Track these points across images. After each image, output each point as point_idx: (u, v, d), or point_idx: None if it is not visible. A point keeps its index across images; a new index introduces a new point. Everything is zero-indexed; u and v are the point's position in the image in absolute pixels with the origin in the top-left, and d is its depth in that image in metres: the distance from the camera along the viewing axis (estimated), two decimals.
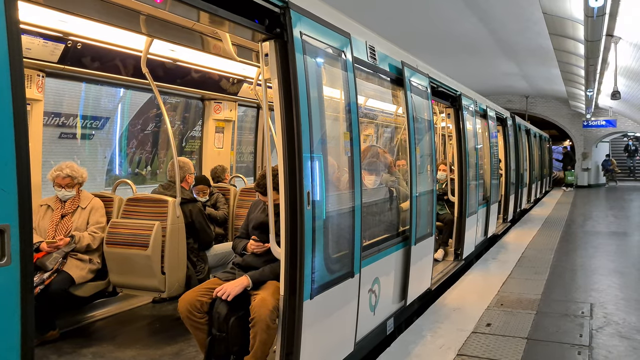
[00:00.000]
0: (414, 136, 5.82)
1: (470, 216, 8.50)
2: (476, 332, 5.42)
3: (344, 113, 4.23)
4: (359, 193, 4.20)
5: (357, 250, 4.19)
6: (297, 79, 3.41)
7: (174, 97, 7.94)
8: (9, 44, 1.85)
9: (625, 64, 13.49)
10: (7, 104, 1.85)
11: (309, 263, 3.45)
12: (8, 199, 1.85)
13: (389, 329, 5.31)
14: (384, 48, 5.35)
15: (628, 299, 6.75)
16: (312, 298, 3.54)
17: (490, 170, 10.67)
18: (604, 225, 14.23)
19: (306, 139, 3.47)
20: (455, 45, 17.07)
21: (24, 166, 1.92)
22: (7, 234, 1.83)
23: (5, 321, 1.82)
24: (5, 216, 1.83)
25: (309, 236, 3.42)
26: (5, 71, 1.85)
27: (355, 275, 4.17)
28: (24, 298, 1.87)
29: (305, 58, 3.56)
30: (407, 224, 5.72)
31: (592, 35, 9.63)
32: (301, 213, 3.34)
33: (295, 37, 3.46)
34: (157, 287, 5.01)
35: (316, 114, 3.64)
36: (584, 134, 29.44)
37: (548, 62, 17.52)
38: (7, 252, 1.83)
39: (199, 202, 5.68)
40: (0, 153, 1.84)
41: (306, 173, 3.43)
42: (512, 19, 14.00)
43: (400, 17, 13.71)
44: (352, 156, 4.21)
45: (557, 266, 8.60)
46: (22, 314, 1.87)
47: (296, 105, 3.40)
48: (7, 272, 1.84)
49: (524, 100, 28.83)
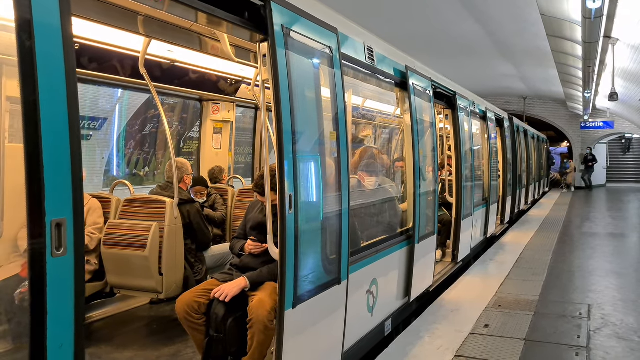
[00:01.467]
0: (417, 137, 5.88)
1: (466, 218, 8.40)
2: (474, 333, 5.42)
3: (331, 112, 4.06)
4: (346, 196, 4.05)
5: (344, 255, 4.03)
6: (278, 76, 3.27)
7: (172, 98, 7.93)
8: (65, 57, 2.07)
9: (622, 66, 13.52)
10: (63, 109, 2.08)
11: (290, 271, 3.32)
12: (64, 195, 2.06)
13: (387, 331, 5.30)
14: (383, 49, 5.36)
15: (626, 300, 6.76)
16: (294, 307, 3.40)
17: (487, 171, 10.67)
18: (602, 226, 14.25)
19: (288, 139, 3.35)
20: (453, 47, 17.09)
21: (76, 165, 2.13)
22: (64, 227, 2.04)
23: (61, 305, 2.05)
24: (62, 211, 2.04)
25: (290, 243, 3.30)
26: (62, 81, 2.07)
27: (342, 282, 4.02)
28: (77, 285, 2.10)
29: (288, 54, 3.41)
30: (409, 223, 5.80)
31: (590, 37, 9.66)
32: (282, 218, 3.24)
33: (277, 31, 3.32)
34: (154, 288, 5.00)
35: (299, 113, 3.51)
36: (582, 136, 29.50)
37: (546, 63, 17.56)
38: (64, 244, 2.04)
39: (196, 203, 5.68)
40: (58, 154, 2.05)
41: (288, 175, 3.32)
42: (509, 20, 14.03)
43: (399, 19, 13.72)
44: (340, 157, 4.04)
45: (554, 267, 8.61)
46: (75, 299, 2.10)
47: (277, 103, 3.27)
48: (63, 262, 2.05)
49: (521, 101, 28.89)
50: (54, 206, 2.02)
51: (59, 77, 2.07)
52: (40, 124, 1.98)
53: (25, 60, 1.96)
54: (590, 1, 7.66)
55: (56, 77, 2.06)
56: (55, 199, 2.02)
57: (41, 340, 1.99)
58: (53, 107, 2.04)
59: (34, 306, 1.98)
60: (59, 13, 2.05)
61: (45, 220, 1.99)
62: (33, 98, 1.97)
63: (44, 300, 1.99)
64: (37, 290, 1.98)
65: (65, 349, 2.08)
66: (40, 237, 1.98)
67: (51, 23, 2.03)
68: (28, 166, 1.98)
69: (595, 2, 7.66)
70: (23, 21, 1.93)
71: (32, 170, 1.98)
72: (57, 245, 2.02)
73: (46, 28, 2.01)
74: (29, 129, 1.97)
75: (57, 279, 2.03)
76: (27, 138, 1.97)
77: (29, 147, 1.97)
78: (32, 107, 1.97)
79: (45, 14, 2.00)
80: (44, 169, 1.99)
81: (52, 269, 2.01)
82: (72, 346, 2.10)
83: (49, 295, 2.00)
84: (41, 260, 1.99)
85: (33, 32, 1.96)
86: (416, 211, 5.75)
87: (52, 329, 2.02)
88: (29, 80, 1.97)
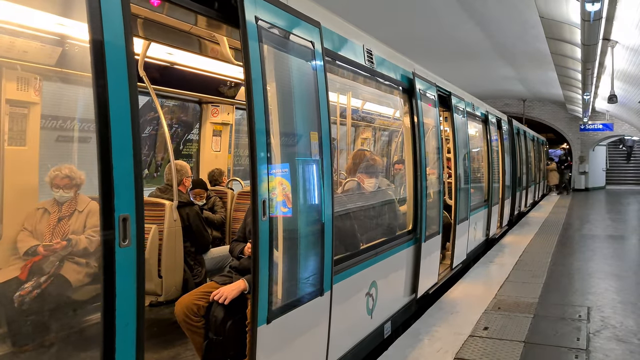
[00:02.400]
0: (423, 139, 5.99)
1: (461, 223, 8.24)
2: (474, 335, 5.42)
3: (312, 112, 3.80)
4: (329, 201, 3.82)
5: (327, 265, 3.79)
6: (250, 71, 3.05)
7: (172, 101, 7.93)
8: (128, 73, 2.34)
9: (622, 68, 13.53)
10: (127, 116, 2.33)
11: (264, 283, 3.11)
12: (128, 194, 2.34)
13: (386, 333, 5.30)
14: (382, 52, 5.37)
15: (625, 302, 6.76)
16: (269, 322, 3.19)
17: (486, 173, 10.66)
18: (601, 228, 14.25)
19: (262, 140, 3.13)
20: (453, 49, 17.10)
21: (138, 168, 2.39)
22: (129, 222, 2.32)
23: (127, 289, 2.32)
24: (127, 207, 2.32)
25: (264, 252, 3.11)
26: (126, 92, 2.33)
27: (325, 293, 3.79)
28: (138, 272, 2.38)
29: (262, 47, 3.18)
30: (416, 223, 5.92)
31: (589, 39, 9.67)
32: (255, 225, 3.04)
33: (249, 21, 3.09)
34: (154, 290, 4.99)
35: (276, 112, 3.33)
36: (581, 138, 29.53)
37: (545, 65, 17.57)
38: (129, 236, 2.32)
39: (196, 206, 5.67)
40: (124, 157, 2.32)
41: (262, 179, 3.12)
42: (509, 22, 14.04)
43: (398, 22, 13.73)
44: (322, 160, 3.78)
45: (554, 269, 8.61)
46: (137, 284, 2.37)
47: (249, 100, 3.05)
48: (128, 252, 2.33)
49: (521, 103, 28.91)
50: (121, 203, 2.30)
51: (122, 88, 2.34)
52: (111, 136, 2.25)
53: (98, 72, 2.24)
54: (589, 3, 7.67)
55: (122, 89, 2.33)
56: (121, 197, 2.30)
57: (111, 319, 2.27)
58: (120, 118, 2.31)
59: (106, 290, 2.26)
60: (124, 35, 2.35)
61: (115, 215, 2.27)
62: (104, 113, 2.24)
63: (114, 285, 2.28)
64: (108, 276, 2.26)
65: (130, 327, 2.35)
66: (110, 229, 2.26)
67: (117, 44, 2.32)
68: (101, 169, 2.25)
69: (594, 4, 7.66)
70: (97, 42, 2.25)
71: (104, 172, 2.25)
72: (122, 237, 2.30)
73: (114, 46, 2.30)
74: (103, 138, 2.24)
75: (123, 266, 2.31)
76: (101, 146, 2.25)
77: (102, 152, 2.24)
78: (104, 120, 2.24)
79: (113, 35, 2.30)
80: (114, 170, 2.26)
81: (119, 258, 2.30)
82: (135, 325, 2.38)
83: (117, 280, 2.29)
84: (111, 250, 2.27)
85: (104, 50, 2.25)
86: (422, 211, 5.90)
87: (120, 310, 2.30)
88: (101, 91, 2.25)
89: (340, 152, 7.21)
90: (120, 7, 2.32)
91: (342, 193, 5.41)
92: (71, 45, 4.05)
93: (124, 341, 2.32)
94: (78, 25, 3.10)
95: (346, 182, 5.64)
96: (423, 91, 6.27)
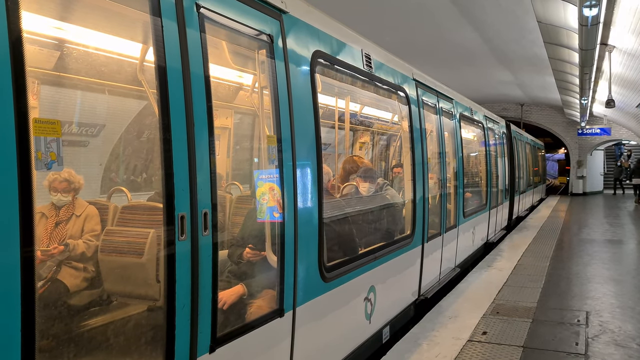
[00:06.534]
0: (425, 143, 6.08)
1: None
2: (472, 340, 5.41)
3: (270, 111, 3.45)
4: (291, 212, 3.46)
5: (287, 282, 3.42)
6: (188, 61, 2.71)
7: None
8: (183, 76, 2.67)
9: (619, 72, 13.58)
10: (182, 125, 2.65)
11: (206, 306, 2.77)
12: (185, 196, 2.65)
13: (385, 338, 5.28)
14: (381, 57, 5.37)
15: (624, 307, 6.76)
16: (212, 351, 2.80)
17: (484, 178, 10.65)
18: (599, 233, 14.26)
19: (202, 141, 2.79)
20: (452, 55, 17.16)
21: (192, 171, 2.69)
22: (185, 219, 2.62)
23: (184, 276, 2.64)
24: (184, 207, 2.63)
25: (206, 273, 2.77)
26: (181, 105, 2.66)
27: (285, 314, 3.42)
28: (192, 262, 2.68)
29: (203, 37, 2.82)
30: (415, 226, 6.00)
31: (587, 44, 9.70)
32: (194, 241, 2.68)
33: (187, 7, 2.70)
34: (152, 295, 4.96)
35: (218, 109, 3.15)
36: (579, 142, 29.60)
37: (543, 70, 17.63)
38: (185, 232, 2.62)
39: None
40: (182, 163, 2.63)
41: (203, 186, 2.75)
42: (507, 28, 14.09)
43: (398, 27, 13.78)
44: (282, 164, 3.41)
45: (552, 274, 8.61)
46: (191, 272, 2.68)
47: (187, 95, 2.71)
48: (185, 245, 2.63)
49: (519, 108, 29.00)
50: (179, 203, 2.60)
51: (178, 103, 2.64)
52: (172, 146, 2.57)
53: (161, 82, 2.56)
54: (586, 9, 7.70)
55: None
56: (180, 197, 2.61)
57: (172, 301, 2.58)
58: (179, 138, 2.62)
59: (169, 276, 2.58)
60: (180, 57, 2.67)
61: (175, 213, 2.57)
62: (167, 121, 2.55)
63: (174, 272, 2.58)
64: (170, 265, 2.58)
65: (186, 309, 2.64)
66: (172, 225, 2.57)
67: (175, 66, 2.63)
68: (165, 173, 2.58)
69: (592, 9, 7.69)
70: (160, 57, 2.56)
71: (167, 176, 2.57)
72: (180, 232, 2.59)
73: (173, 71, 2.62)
74: (166, 152, 2.57)
75: (180, 257, 2.60)
76: (164, 157, 2.58)
77: (166, 160, 2.57)
78: (167, 127, 2.57)
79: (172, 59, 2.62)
80: (174, 174, 2.58)
81: (179, 250, 2.59)
82: (190, 307, 2.66)
83: (177, 268, 2.58)
84: (172, 243, 2.58)
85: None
86: (425, 215, 6.07)
87: (179, 294, 2.59)
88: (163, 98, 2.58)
89: (339, 156, 7.21)
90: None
91: (340, 197, 5.41)
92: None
93: (182, 320, 2.60)
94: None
95: (344, 187, 5.64)
96: (423, 96, 6.33)
